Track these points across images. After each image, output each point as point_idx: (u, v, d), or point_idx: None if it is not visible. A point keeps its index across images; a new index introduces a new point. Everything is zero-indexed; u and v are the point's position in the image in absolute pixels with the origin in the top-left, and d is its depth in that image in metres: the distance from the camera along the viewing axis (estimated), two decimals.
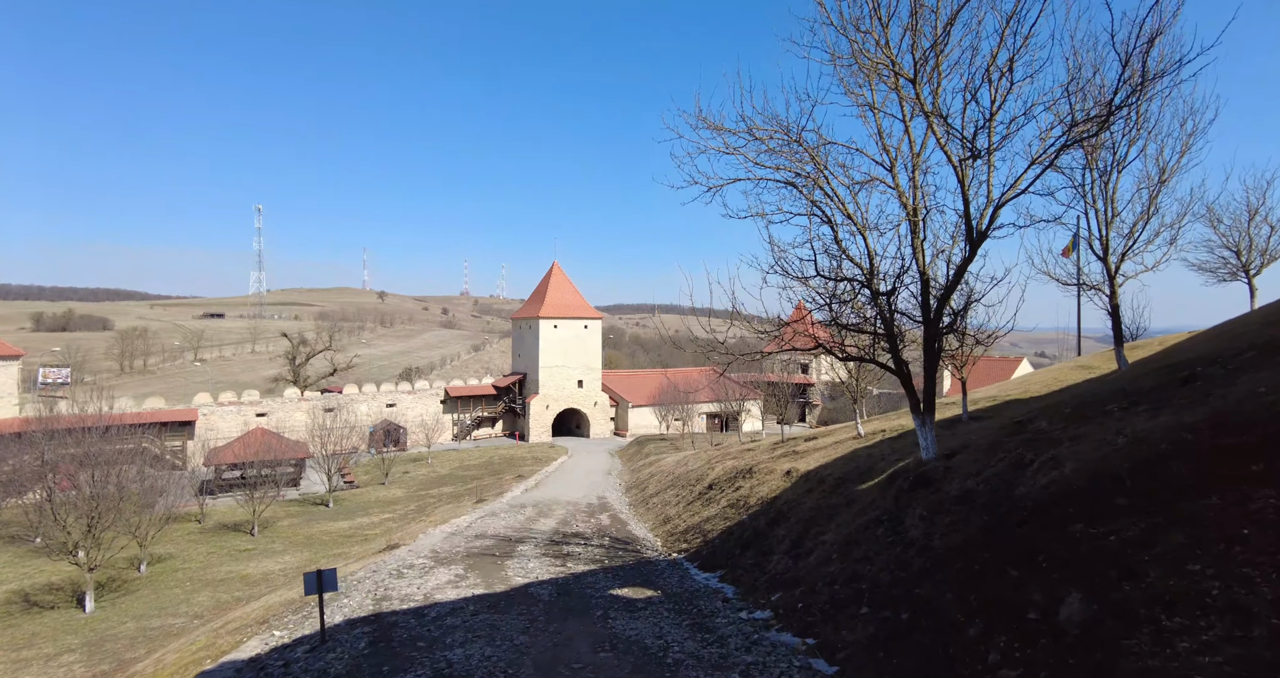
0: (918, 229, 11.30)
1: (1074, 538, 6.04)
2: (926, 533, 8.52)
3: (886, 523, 9.89)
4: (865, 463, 14.36)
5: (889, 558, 8.71)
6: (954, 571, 7.20)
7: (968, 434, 12.74)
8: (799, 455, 18.92)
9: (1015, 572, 6.30)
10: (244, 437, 47.66)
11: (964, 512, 8.34)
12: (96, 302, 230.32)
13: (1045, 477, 7.55)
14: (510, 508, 27.57)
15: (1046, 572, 5.95)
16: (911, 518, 9.31)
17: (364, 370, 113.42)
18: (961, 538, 7.71)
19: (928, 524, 8.74)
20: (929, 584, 7.35)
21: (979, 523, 7.74)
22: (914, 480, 10.53)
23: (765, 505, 15.48)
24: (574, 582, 12.61)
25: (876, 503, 11.10)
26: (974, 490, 8.70)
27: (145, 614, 19.78)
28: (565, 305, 64.31)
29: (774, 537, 13.01)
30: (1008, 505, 7.62)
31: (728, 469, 22.08)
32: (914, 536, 8.76)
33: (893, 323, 11.35)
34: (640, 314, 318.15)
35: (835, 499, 12.88)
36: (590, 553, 16.04)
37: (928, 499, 9.47)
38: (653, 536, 19.48)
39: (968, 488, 8.89)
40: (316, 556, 28.39)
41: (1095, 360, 22.81)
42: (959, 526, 8.05)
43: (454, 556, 15.88)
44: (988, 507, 7.98)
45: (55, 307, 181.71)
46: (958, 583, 6.91)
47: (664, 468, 34.14)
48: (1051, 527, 6.47)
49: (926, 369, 11.23)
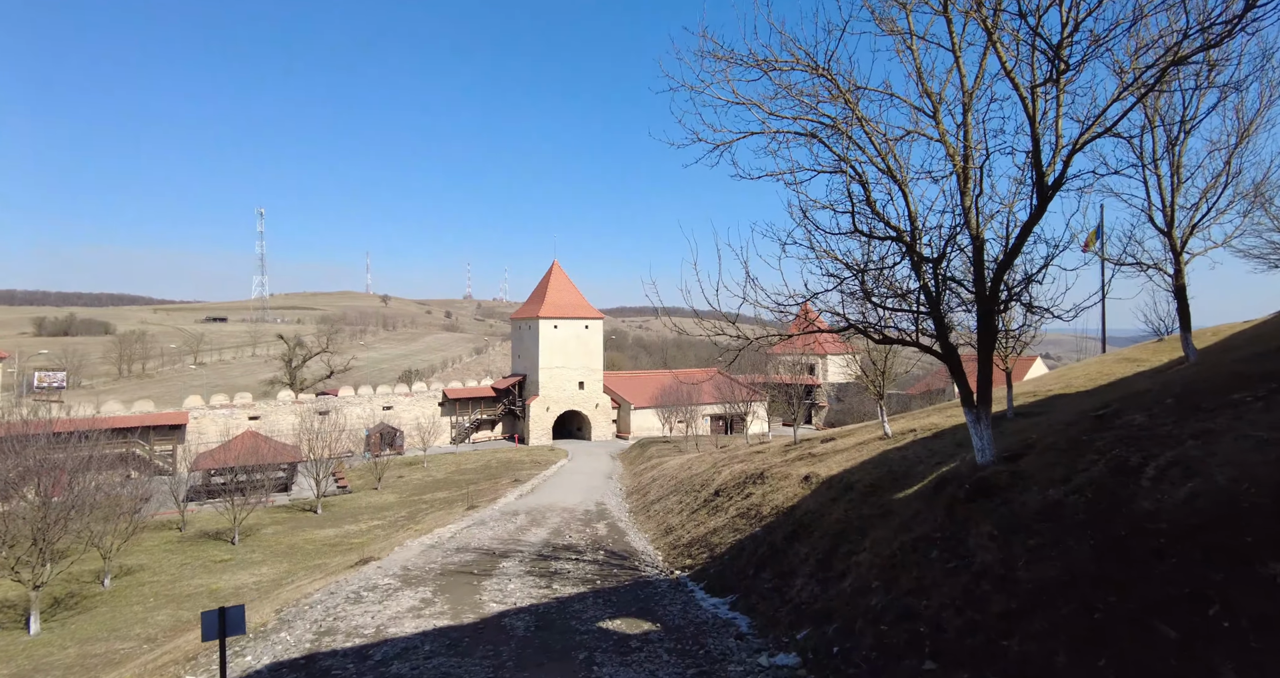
0: (968, 183, 9.30)
1: (1273, 583, 4.03)
2: (1004, 560, 6.50)
3: (942, 543, 7.87)
4: (899, 467, 12.33)
5: (954, 591, 6.69)
6: (1061, 618, 5.19)
7: (1025, 432, 10.71)
8: (817, 459, 16.89)
9: (1173, 631, 4.29)
10: (233, 440, 45.86)
11: (1054, 532, 6.33)
12: (101, 306, 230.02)
13: (1181, 488, 5.53)
14: (501, 516, 25.61)
15: (1234, 636, 3.94)
16: (977, 538, 7.29)
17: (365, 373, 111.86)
18: (1061, 570, 5.69)
19: (1003, 548, 6.73)
20: (1024, 637, 5.34)
21: (1085, 549, 5.72)
22: (972, 489, 8.51)
23: (782, 516, 13.46)
24: (558, 610, 10.62)
25: (923, 516, 9.08)
26: (1063, 503, 6.68)
27: (93, 637, 17.88)
28: (566, 305, 62.38)
29: (795, 554, 10.99)
30: (1126, 526, 5.60)
31: (736, 474, 20.06)
32: (985, 562, 6.74)
33: (940, 297, 9.36)
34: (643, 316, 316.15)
35: (867, 510, 10.86)
36: (581, 570, 14.05)
37: (996, 514, 7.45)
38: (653, 548, 17.48)
39: (1052, 500, 6.87)
40: (295, 567, 26.47)
41: (1140, 353, 20.68)
42: (1053, 551, 6.04)
43: (426, 574, 13.91)
44: (1092, 526, 5.97)
45: (58, 311, 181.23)
46: (1072, 639, 4.90)
47: (666, 472, 32.12)
48: (1222, 562, 4.45)
49: (981, 352, 9.24)
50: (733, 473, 20.42)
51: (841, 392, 68.71)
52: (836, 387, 69.54)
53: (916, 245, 9.20)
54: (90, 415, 48.80)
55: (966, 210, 9.30)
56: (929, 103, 9.87)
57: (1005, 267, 8.78)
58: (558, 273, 64.79)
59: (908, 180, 9.50)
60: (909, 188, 9.48)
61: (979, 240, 9.09)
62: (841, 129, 9.97)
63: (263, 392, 70.85)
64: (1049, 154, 8.44)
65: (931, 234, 9.53)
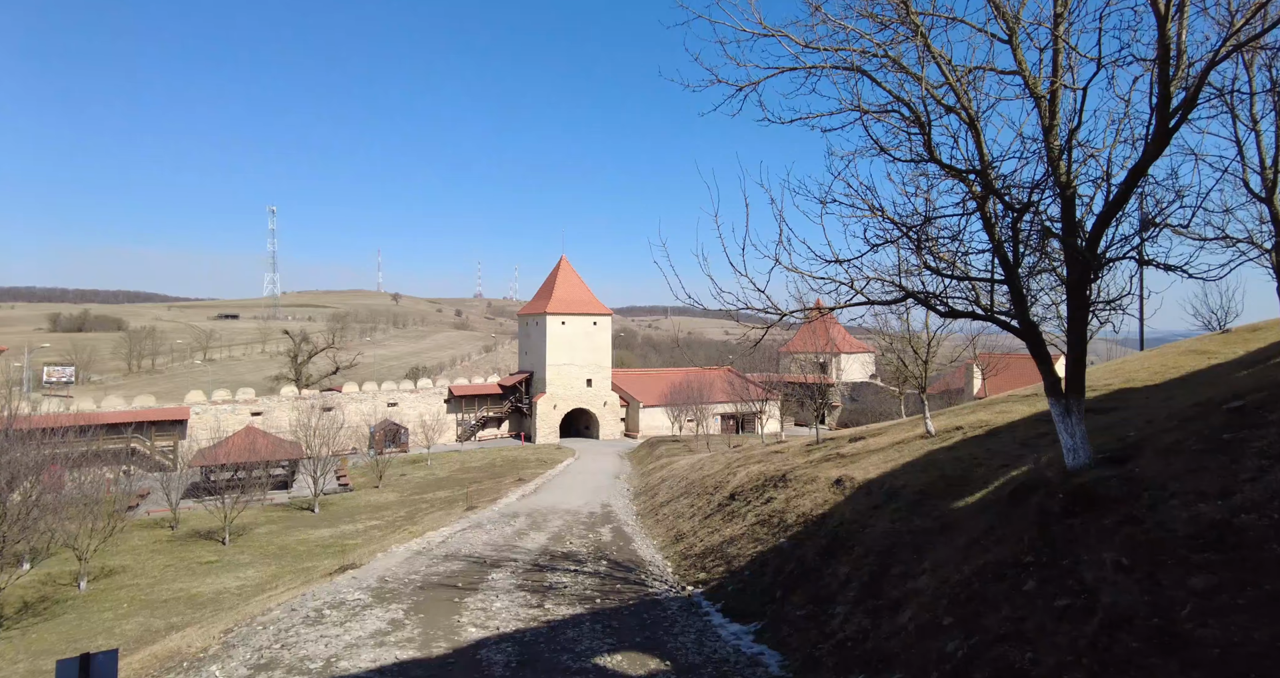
0: (1055, 117, 7.44)
1: None
2: (1154, 606, 4.66)
3: (1038, 571, 6.03)
4: (952, 470, 10.47)
5: (1076, 643, 4.85)
6: None
7: (1112, 429, 8.82)
8: (848, 460, 15.01)
9: None
10: (233, 437, 44.55)
11: (1235, 569, 4.48)
12: (117, 304, 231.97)
13: None
14: (500, 518, 23.93)
15: None
16: (1095, 568, 5.45)
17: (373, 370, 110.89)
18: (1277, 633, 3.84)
19: (1147, 587, 4.88)
20: None
21: None
22: (1069, 500, 6.66)
23: (811, 526, 11.63)
24: (547, 638, 8.88)
25: (999, 532, 7.24)
26: (1236, 526, 4.82)
27: (49, 650, 16.41)
28: (574, 301, 60.67)
29: (832, 575, 9.17)
30: None
31: (753, 475, 18.23)
32: (1121, 606, 4.89)
33: (1019, 258, 7.51)
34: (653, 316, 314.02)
35: (920, 522, 9.02)
36: (580, 585, 12.30)
37: (1119, 536, 5.60)
38: (661, 558, 15.70)
39: (1213, 520, 5.01)
40: (282, 570, 24.95)
41: (1207, 344, 18.58)
42: (1242, 599, 4.19)
43: (404, 587, 12.22)
44: None
45: (73, 308, 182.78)
46: None
47: (676, 472, 30.33)
48: None
49: (1071, 326, 7.38)
50: (749, 475, 18.59)
51: (856, 391, 66.54)
52: (850, 386, 67.29)
53: (992, 190, 7.33)
54: (90, 410, 47.92)
55: (1053, 152, 7.44)
56: (1003, 25, 8.03)
57: (1109, 217, 6.92)
58: (566, 268, 63.05)
59: (979, 116, 7.64)
60: (981, 124, 7.61)
61: (1070, 188, 7.24)
62: (895, 59, 8.15)
63: (268, 388, 69.82)
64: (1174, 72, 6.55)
65: (1008, 183, 7.68)
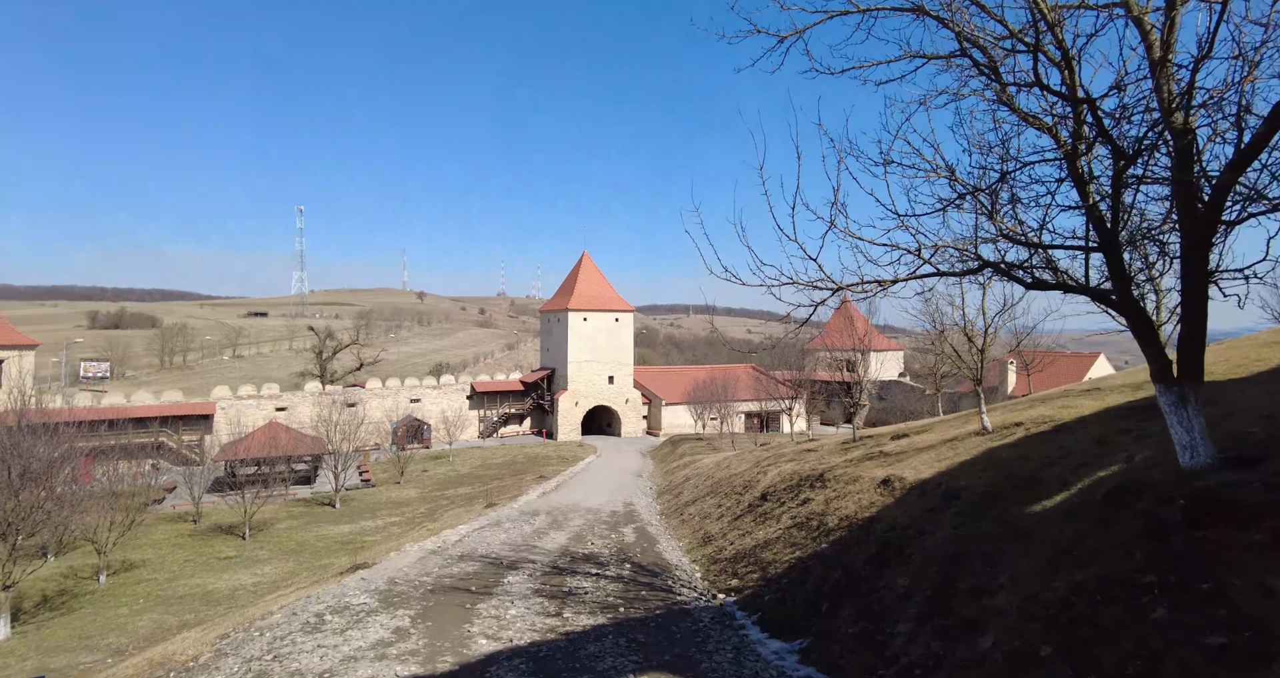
0: (1168, 52, 6.24)
1: None
2: None
3: (1165, 593, 4.89)
4: (1020, 470, 9.27)
5: None
6: None
7: (1226, 424, 7.56)
8: (892, 458, 13.81)
9: None
10: (256, 432, 44.63)
11: None
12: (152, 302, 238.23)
13: None
14: (520, 516, 23.15)
15: None
16: (1259, 597, 4.30)
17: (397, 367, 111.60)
18: None
19: None
20: None
21: None
22: (1193, 508, 5.49)
23: (856, 530, 10.51)
24: (565, 655, 7.94)
25: (1092, 543, 6.09)
26: None
27: (61, 646, 16.01)
28: (595, 297, 59.82)
29: (887, 587, 8.07)
30: None
31: (785, 475, 17.11)
32: None
33: (1121, 220, 6.34)
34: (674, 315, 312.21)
35: (989, 527, 7.88)
36: (601, 591, 11.36)
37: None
38: (689, 561, 14.69)
39: None
40: (299, 567, 24.54)
41: None
42: None
43: (414, 590, 11.41)
44: None
45: (111, 306, 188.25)
46: None
47: (701, 470, 29.27)
48: None
49: (1186, 298, 6.19)
50: (782, 474, 17.47)
51: (884, 390, 64.62)
52: (878, 385, 65.38)
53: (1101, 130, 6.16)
54: (119, 405, 48.54)
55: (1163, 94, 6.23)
56: None
57: (1243, 165, 5.71)
58: (587, 264, 62.23)
59: (1076, 54, 6.46)
60: (1077, 64, 6.44)
61: (1189, 131, 6.05)
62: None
63: (293, 384, 70.45)
64: None
65: (1110, 124, 6.50)
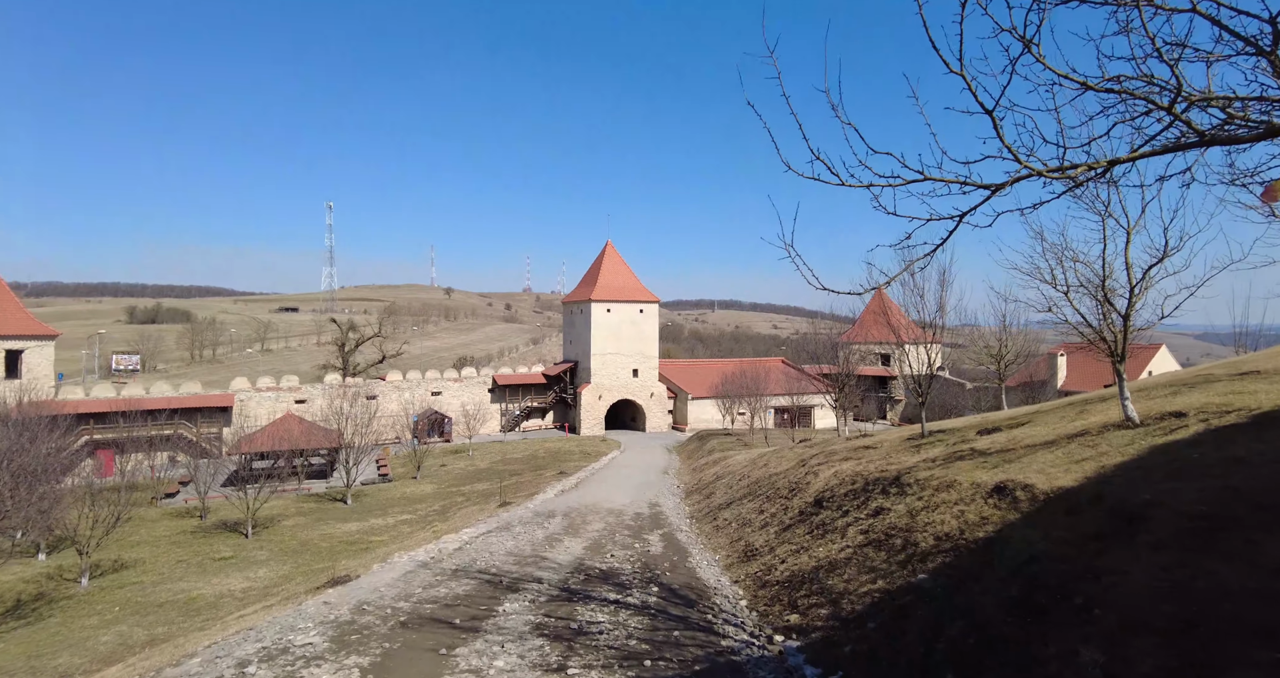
0: None
1: None
2: None
3: None
4: (1244, 481, 6.35)
5: None
6: None
7: None
8: (993, 458, 10.88)
9: None
10: (271, 424, 43.24)
11: None
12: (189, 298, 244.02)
13: None
14: (534, 517, 20.73)
15: None
16: None
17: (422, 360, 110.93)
18: None
19: None
20: None
21: None
22: None
23: (966, 556, 7.70)
24: None
25: None
26: None
27: (5, 669, 14.08)
28: (619, 288, 57.21)
29: (1058, 658, 5.25)
30: None
31: (844, 477, 14.27)
32: None
33: None
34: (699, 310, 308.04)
35: (1229, 572, 5.01)
36: (621, 629, 8.75)
37: None
38: (729, 582, 12.01)
39: None
40: (297, 570, 22.49)
41: None
42: None
43: (380, 624, 8.95)
44: None
45: (149, 302, 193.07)
46: None
47: (733, 469, 26.48)
48: None
49: None
50: (839, 475, 14.62)
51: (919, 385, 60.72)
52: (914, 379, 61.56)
53: None
54: (137, 396, 47.73)
55: None
56: None
57: None
58: (611, 254, 59.58)
59: None
60: None
61: None
62: None
63: (314, 376, 69.50)
64: None
65: None
